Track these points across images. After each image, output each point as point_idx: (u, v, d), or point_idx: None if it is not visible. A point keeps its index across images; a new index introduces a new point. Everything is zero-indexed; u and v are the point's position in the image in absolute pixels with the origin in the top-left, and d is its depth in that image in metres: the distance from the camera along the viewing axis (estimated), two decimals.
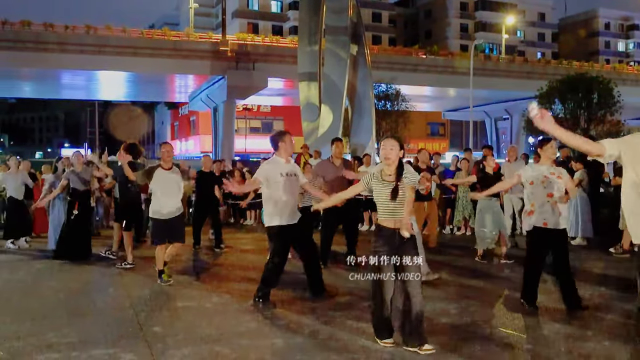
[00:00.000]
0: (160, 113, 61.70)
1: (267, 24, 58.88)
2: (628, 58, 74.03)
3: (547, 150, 6.09)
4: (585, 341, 4.95)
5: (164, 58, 33.02)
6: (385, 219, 4.83)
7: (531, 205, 6.05)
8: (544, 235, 5.94)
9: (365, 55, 19.23)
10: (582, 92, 25.91)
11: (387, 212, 4.81)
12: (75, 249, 9.27)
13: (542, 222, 5.92)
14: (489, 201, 8.74)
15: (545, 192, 5.92)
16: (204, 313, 6.12)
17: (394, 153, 4.81)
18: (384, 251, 4.74)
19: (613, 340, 4.94)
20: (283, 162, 6.45)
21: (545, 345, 4.84)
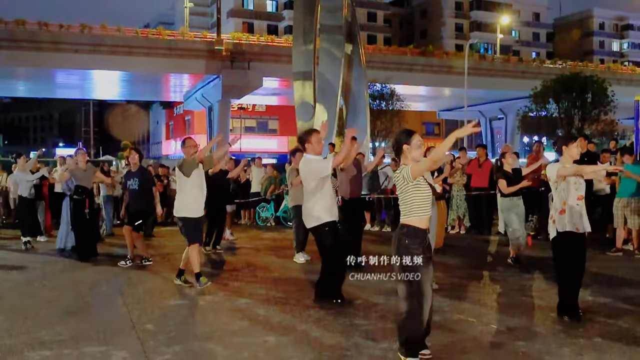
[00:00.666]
0: (155, 112, 61.55)
1: (262, 23, 58.79)
2: (622, 58, 74.27)
3: (572, 150, 5.60)
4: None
5: (158, 57, 32.93)
6: (420, 219, 4.31)
7: (563, 204, 5.53)
8: (575, 241, 5.50)
9: (359, 54, 19.28)
10: (576, 92, 26.01)
11: (424, 212, 4.31)
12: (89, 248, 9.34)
13: (574, 227, 5.47)
14: (510, 200, 8.52)
15: (577, 194, 5.50)
16: (196, 311, 6.14)
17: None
18: (420, 253, 4.27)
19: (607, 339, 4.97)
20: None
21: (542, 344, 4.87)
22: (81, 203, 9.25)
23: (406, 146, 4.28)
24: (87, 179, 9.30)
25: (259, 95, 40.21)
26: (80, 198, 9.25)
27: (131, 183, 8.55)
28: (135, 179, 8.52)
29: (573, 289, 5.54)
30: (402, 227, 4.31)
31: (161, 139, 59.88)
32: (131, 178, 8.57)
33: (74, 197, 9.34)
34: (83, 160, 9.35)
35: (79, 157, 9.45)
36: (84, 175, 9.27)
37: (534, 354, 4.54)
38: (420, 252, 4.22)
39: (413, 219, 4.27)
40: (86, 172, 9.30)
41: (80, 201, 9.25)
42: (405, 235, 4.27)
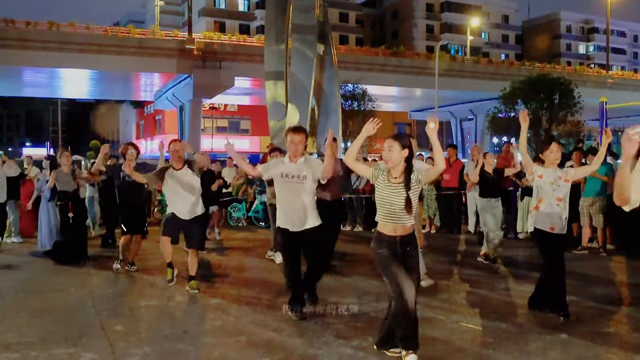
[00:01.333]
0: (125, 112, 60.81)
1: (234, 22, 58.51)
2: (589, 60, 75.86)
3: (549, 156, 5.67)
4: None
5: (129, 56, 32.55)
6: (384, 223, 4.32)
7: (538, 201, 5.65)
8: (549, 240, 5.57)
9: (332, 54, 19.25)
10: (544, 93, 26.49)
11: (389, 217, 4.28)
12: (72, 250, 8.93)
13: (549, 226, 5.55)
14: (488, 201, 8.54)
15: (555, 195, 5.56)
16: (167, 312, 6.10)
17: (393, 154, 4.26)
18: (388, 253, 4.28)
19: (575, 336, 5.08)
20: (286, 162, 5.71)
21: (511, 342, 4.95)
22: (64, 208, 8.90)
23: None
24: (69, 183, 8.95)
25: (231, 95, 40.03)
26: (62, 203, 8.90)
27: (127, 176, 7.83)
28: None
29: (549, 285, 5.58)
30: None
31: (131, 139, 59.14)
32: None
33: (58, 203, 9.03)
34: (67, 164, 8.98)
35: (62, 159, 9.03)
36: (67, 178, 8.91)
37: (501, 350, 4.63)
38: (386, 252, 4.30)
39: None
40: (69, 176, 8.94)
41: (63, 206, 8.91)
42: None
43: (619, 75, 52.00)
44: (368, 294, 6.63)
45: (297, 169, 5.57)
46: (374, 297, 6.42)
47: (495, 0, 73.64)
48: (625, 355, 4.58)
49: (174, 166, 6.89)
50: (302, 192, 5.58)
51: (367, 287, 7.00)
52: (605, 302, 6.22)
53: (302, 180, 5.56)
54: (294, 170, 5.57)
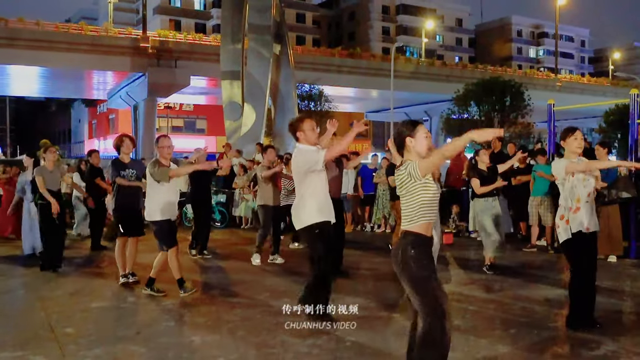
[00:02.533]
0: (77, 110, 59.33)
1: (189, 21, 57.85)
2: (538, 64, 77.98)
3: (572, 143, 5.14)
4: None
5: (81, 53, 31.77)
6: (427, 224, 3.59)
7: (577, 201, 5.09)
8: (585, 241, 5.09)
9: (288, 55, 19.36)
10: (495, 96, 27.15)
11: (431, 215, 3.61)
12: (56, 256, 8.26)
13: (585, 226, 5.08)
14: (485, 202, 7.87)
15: (586, 192, 5.11)
16: (119, 313, 6.00)
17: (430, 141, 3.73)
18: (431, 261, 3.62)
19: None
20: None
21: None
22: (47, 208, 8.13)
23: (409, 139, 3.60)
24: (54, 182, 8.29)
25: (187, 94, 39.58)
26: (44, 203, 8.18)
27: (126, 174, 7.25)
28: (132, 170, 7.24)
29: (589, 297, 5.13)
30: (406, 236, 3.58)
31: (84, 138, 57.80)
32: (125, 169, 7.25)
33: (39, 202, 8.35)
34: (52, 160, 8.29)
35: (48, 155, 8.37)
36: (51, 177, 8.24)
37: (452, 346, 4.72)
38: (428, 262, 3.58)
39: (421, 224, 3.56)
40: (53, 174, 8.27)
41: (46, 206, 8.16)
42: (412, 245, 3.55)
43: (566, 78, 53.68)
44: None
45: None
46: None
47: (450, 4, 75.03)
48: (571, 350, 4.75)
49: (163, 163, 6.49)
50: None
51: None
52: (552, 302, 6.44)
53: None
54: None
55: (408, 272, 3.53)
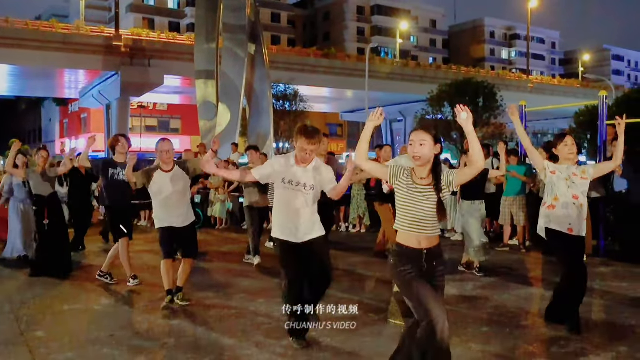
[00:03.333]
0: (47, 109, 58.30)
1: (163, 20, 57.30)
2: (511, 65, 79.04)
3: (563, 150, 5.20)
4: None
5: (52, 51, 31.23)
6: (407, 233, 3.58)
7: (553, 199, 5.14)
8: (569, 242, 5.08)
9: (263, 54, 19.30)
10: (469, 96, 27.44)
11: (414, 225, 3.56)
12: (53, 263, 7.77)
13: (566, 227, 5.06)
14: (472, 204, 7.75)
15: (571, 193, 5.07)
16: (92, 315, 5.92)
17: (425, 149, 3.55)
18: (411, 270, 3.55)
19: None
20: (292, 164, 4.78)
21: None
22: (38, 214, 7.85)
23: None
24: (44, 186, 7.86)
25: (161, 93, 39.20)
26: (37, 209, 7.87)
27: (116, 173, 7.01)
28: (124, 169, 6.81)
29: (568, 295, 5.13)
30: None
31: (54, 138, 56.83)
32: (117, 167, 7.00)
33: (33, 207, 8.07)
34: (41, 164, 7.89)
35: (37, 157, 7.98)
36: (40, 181, 7.84)
37: None
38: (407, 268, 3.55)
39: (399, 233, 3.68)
40: (43, 177, 7.87)
41: (37, 212, 7.87)
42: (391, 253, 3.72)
43: (538, 80, 54.52)
44: None
45: (306, 176, 4.70)
46: None
47: (424, 5, 75.63)
48: (542, 347, 4.83)
49: (163, 168, 6.07)
50: (306, 200, 4.72)
51: None
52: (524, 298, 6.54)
53: (310, 190, 4.71)
54: (301, 177, 4.69)
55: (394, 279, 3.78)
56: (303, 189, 4.70)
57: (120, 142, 7.07)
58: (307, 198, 4.71)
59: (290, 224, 4.72)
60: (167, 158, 6.05)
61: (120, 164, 7.03)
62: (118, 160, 7.11)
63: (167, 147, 6.07)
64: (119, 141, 7.10)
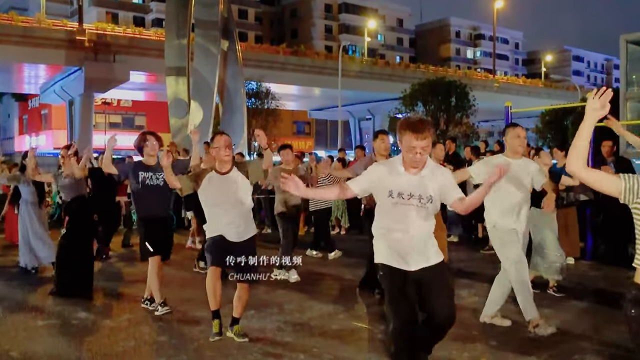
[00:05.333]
0: (6, 105, 56.35)
1: (127, 14, 56.02)
2: (476, 65, 79.95)
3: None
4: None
5: (10, 45, 30.04)
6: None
7: None
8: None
9: (236, 51, 18.87)
10: (441, 95, 27.50)
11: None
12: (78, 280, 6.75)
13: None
14: (542, 213, 6.35)
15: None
16: (70, 332, 5.47)
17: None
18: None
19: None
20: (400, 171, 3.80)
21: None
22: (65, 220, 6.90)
23: None
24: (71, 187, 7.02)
25: (125, 89, 38.24)
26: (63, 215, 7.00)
27: (148, 177, 5.83)
28: (158, 173, 5.81)
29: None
30: None
31: (13, 134, 55.03)
32: (149, 171, 5.85)
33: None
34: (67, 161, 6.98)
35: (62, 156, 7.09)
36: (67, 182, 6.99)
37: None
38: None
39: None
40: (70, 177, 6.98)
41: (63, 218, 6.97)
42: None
43: (504, 79, 55.21)
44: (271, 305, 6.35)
45: (420, 185, 3.73)
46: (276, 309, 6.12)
47: (391, 4, 75.87)
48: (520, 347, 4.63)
49: (218, 169, 4.98)
50: (421, 216, 3.74)
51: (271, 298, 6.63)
52: None
53: (427, 202, 3.73)
54: (414, 187, 3.73)
55: None
56: (418, 202, 3.70)
57: (149, 142, 5.88)
58: (422, 213, 3.72)
59: (399, 247, 3.73)
60: (226, 156, 4.87)
61: (151, 166, 5.90)
62: (148, 162, 5.94)
63: (227, 142, 4.89)
64: (147, 140, 5.90)
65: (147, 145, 5.85)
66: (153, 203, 5.87)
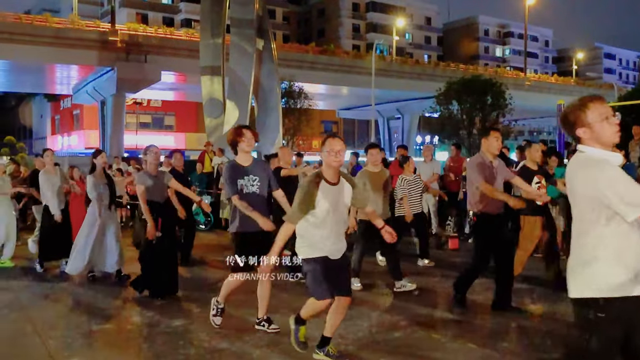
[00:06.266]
0: (38, 106, 57.21)
1: (157, 15, 56.45)
2: (504, 63, 78.83)
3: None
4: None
5: (44, 46, 30.43)
6: None
7: None
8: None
9: (271, 50, 18.68)
10: (477, 94, 26.98)
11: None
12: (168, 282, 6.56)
13: None
14: None
15: None
16: (127, 337, 5.30)
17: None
18: None
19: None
20: None
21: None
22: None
23: None
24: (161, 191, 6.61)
25: (155, 89, 38.52)
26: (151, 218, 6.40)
27: (244, 183, 5.03)
28: (254, 176, 5.05)
29: None
30: None
31: (46, 134, 55.84)
32: (246, 174, 5.04)
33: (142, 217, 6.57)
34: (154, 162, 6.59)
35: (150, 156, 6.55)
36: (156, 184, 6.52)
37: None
38: None
39: None
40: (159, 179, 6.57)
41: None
42: None
43: (535, 78, 54.28)
44: None
45: None
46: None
47: (418, 3, 75.19)
48: None
49: (328, 178, 4.12)
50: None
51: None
52: None
53: None
54: None
55: None
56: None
57: (245, 137, 5.01)
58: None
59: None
60: (338, 162, 4.04)
61: (249, 168, 5.03)
62: (244, 163, 5.06)
63: (341, 146, 4.06)
64: (243, 135, 5.03)
65: (244, 140, 5.02)
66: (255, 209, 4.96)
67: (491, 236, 5.76)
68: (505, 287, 5.81)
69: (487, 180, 5.63)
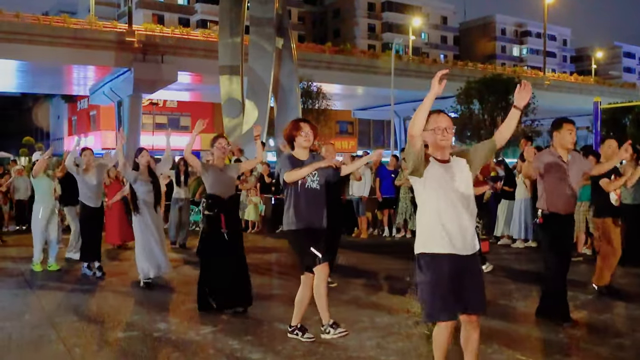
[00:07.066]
0: (55, 107, 57.51)
1: (173, 16, 56.54)
2: (522, 62, 78.04)
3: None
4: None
5: (62, 47, 30.48)
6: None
7: None
8: None
9: (291, 49, 18.46)
10: (499, 93, 26.55)
11: None
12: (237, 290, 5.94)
13: None
14: None
15: None
16: (154, 346, 5.05)
17: None
18: None
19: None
20: None
21: None
22: (214, 221, 5.89)
23: None
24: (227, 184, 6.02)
25: (171, 90, 38.48)
26: (212, 214, 5.89)
27: (309, 181, 4.85)
28: (314, 172, 4.85)
29: None
30: None
31: (63, 135, 56.09)
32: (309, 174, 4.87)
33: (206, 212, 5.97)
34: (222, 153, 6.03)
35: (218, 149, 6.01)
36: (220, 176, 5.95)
37: None
38: None
39: None
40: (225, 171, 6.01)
41: (212, 218, 5.89)
42: None
43: (554, 77, 53.59)
44: None
45: None
46: None
47: (434, 2, 74.66)
48: None
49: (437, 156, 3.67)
50: None
51: None
52: None
53: None
54: None
55: None
56: None
57: (304, 130, 4.80)
58: None
59: None
60: (447, 139, 3.53)
61: (307, 163, 4.82)
62: (302, 157, 4.87)
63: (448, 122, 3.55)
64: (301, 129, 4.82)
65: (302, 135, 4.79)
66: (312, 213, 4.80)
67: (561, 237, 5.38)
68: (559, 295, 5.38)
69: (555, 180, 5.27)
